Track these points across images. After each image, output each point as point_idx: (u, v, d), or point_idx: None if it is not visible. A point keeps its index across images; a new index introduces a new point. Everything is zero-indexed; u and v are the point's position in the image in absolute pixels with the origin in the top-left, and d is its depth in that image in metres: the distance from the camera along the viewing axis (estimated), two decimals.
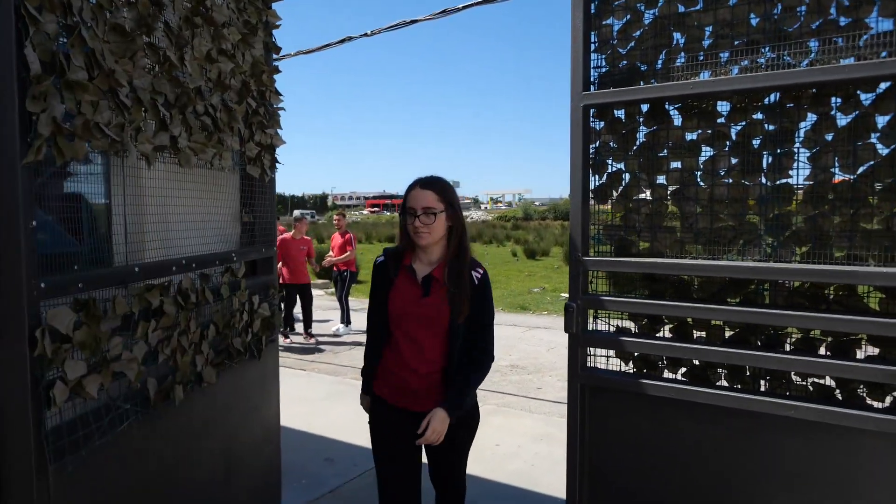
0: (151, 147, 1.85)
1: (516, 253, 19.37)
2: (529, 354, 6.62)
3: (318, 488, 3.37)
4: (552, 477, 3.40)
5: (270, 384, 2.82)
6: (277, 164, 2.88)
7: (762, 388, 1.93)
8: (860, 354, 1.80)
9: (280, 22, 2.84)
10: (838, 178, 1.80)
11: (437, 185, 1.94)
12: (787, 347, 1.90)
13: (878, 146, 1.73)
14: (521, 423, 4.42)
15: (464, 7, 5.63)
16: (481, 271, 1.97)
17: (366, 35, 6.15)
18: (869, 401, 1.78)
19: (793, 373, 1.87)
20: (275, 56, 2.96)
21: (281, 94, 2.85)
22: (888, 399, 1.75)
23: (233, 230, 2.68)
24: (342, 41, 6.29)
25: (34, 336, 1.43)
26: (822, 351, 1.85)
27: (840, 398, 1.82)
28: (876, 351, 1.78)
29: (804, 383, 1.87)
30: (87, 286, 1.61)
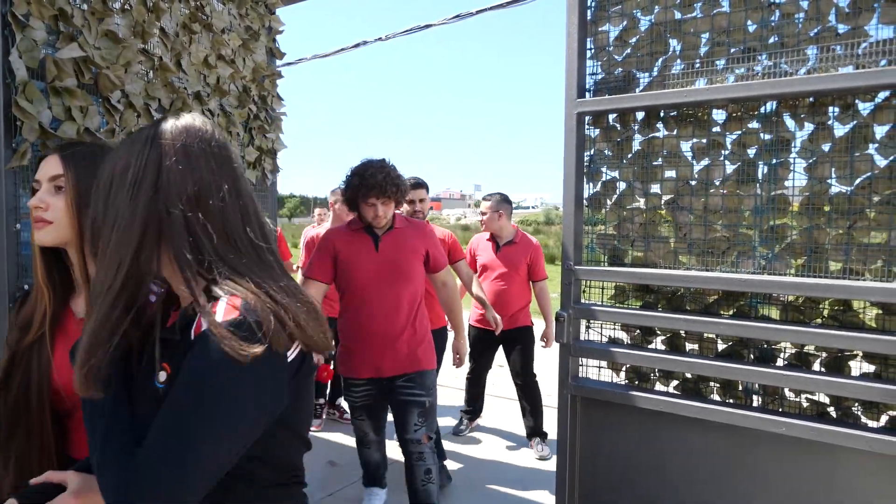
0: None
1: None
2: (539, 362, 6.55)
3: (317, 491, 3.38)
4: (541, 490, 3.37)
5: None
6: (279, 168, 2.90)
7: (755, 403, 1.88)
8: (855, 371, 1.75)
9: (283, 28, 2.86)
10: (835, 189, 1.75)
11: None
12: (781, 362, 1.85)
13: (877, 157, 1.68)
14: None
15: (478, 12, 5.63)
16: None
17: (381, 39, 6.18)
18: (864, 419, 1.73)
19: (786, 388, 1.82)
20: (280, 61, 2.99)
21: (283, 99, 2.87)
22: (883, 418, 1.70)
23: None
24: (357, 45, 6.33)
25: None
26: (816, 367, 1.80)
27: (834, 416, 1.77)
28: (872, 368, 1.72)
29: (798, 399, 1.82)
30: None
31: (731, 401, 1.92)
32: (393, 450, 3.19)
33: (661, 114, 1.99)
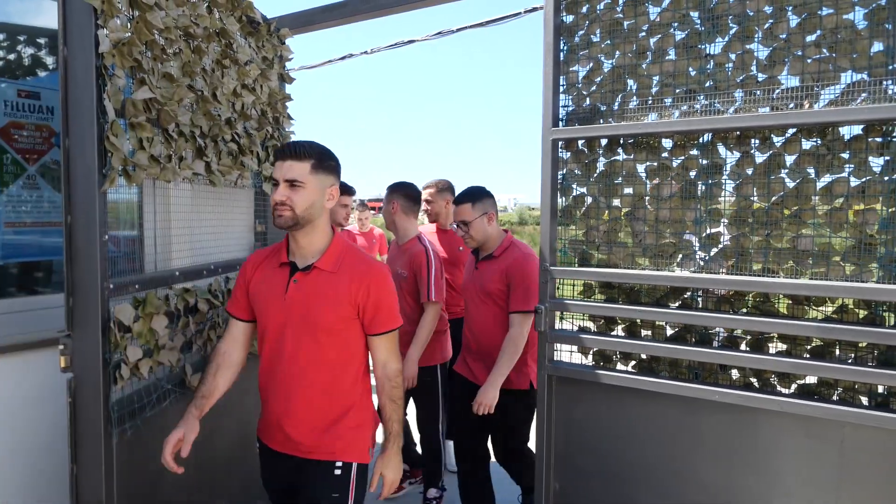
0: (191, 172, 2.23)
1: None
2: None
3: None
4: None
5: None
6: None
7: (696, 378, 2.31)
8: (772, 350, 2.19)
9: (293, 56, 3.22)
10: (756, 205, 2.18)
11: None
12: (716, 344, 2.28)
13: (787, 180, 2.12)
14: None
15: (458, 29, 6.03)
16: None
17: (366, 53, 6.54)
18: (779, 387, 2.17)
19: (720, 364, 2.25)
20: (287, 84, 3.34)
21: (293, 119, 3.23)
22: (793, 386, 2.14)
23: (247, 239, 3.06)
24: (343, 58, 6.68)
25: (105, 326, 1.81)
26: (742, 347, 2.24)
27: (756, 385, 2.21)
28: (784, 347, 2.16)
29: (728, 373, 2.26)
30: (141, 287, 1.99)
31: (677, 376, 2.35)
32: None
33: (621, 141, 2.42)
